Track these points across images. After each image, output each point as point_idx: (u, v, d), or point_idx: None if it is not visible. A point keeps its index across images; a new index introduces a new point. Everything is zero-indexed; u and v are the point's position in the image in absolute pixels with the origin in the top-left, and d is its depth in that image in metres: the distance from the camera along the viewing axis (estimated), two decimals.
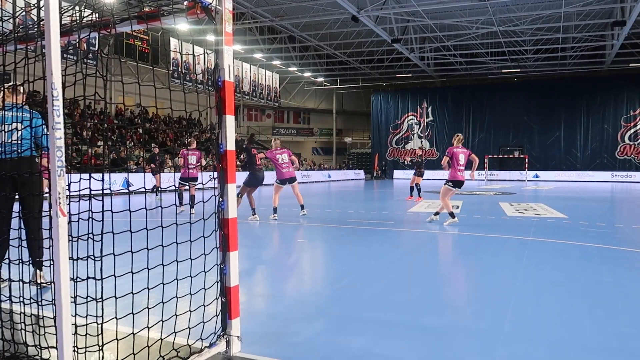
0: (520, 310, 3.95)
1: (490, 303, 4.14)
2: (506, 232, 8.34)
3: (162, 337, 2.73)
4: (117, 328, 2.57)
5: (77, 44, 2.85)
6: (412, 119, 39.48)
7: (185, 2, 2.81)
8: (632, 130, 33.30)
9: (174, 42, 25.11)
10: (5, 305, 3.23)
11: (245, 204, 10.31)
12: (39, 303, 3.01)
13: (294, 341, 3.24)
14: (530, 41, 28.50)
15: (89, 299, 2.59)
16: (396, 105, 39.94)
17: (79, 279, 2.55)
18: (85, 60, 2.74)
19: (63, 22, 2.68)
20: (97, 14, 2.94)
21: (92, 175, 2.55)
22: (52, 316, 2.37)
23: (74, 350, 2.40)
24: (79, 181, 2.63)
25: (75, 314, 2.52)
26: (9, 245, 3.46)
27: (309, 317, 3.77)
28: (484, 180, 33.94)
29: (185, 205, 11.46)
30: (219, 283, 2.98)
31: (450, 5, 21.96)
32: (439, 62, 34.05)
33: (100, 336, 2.47)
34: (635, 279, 5.07)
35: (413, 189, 15.19)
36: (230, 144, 2.96)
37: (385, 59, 33.40)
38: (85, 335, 2.54)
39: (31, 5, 2.89)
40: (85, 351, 2.54)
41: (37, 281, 4.17)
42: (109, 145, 18.03)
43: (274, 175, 10.47)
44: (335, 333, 3.40)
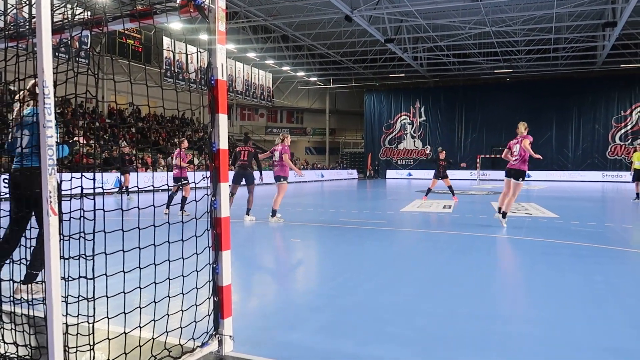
0: (513, 308, 3.97)
1: (484, 302, 4.16)
2: (498, 232, 8.39)
3: (154, 337, 2.72)
4: (109, 328, 2.56)
5: (69, 42, 2.83)
6: (405, 118, 39.58)
7: (178, 1, 2.80)
8: (623, 131, 33.59)
9: (166, 41, 25.01)
10: None
11: (237, 204, 10.24)
12: (30, 302, 2.99)
13: (287, 341, 3.23)
14: (522, 42, 28.67)
15: (80, 298, 2.58)
16: (389, 105, 40.03)
17: (70, 278, 2.54)
18: (77, 58, 2.72)
19: (55, 19, 2.66)
20: (89, 12, 2.92)
21: (84, 174, 2.54)
22: (42, 316, 2.36)
23: (64, 350, 2.38)
24: (70, 180, 2.62)
25: (67, 313, 2.50)
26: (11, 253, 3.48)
27: (302, 316, 3.77)
28: (476, 180, 34.10)
29: (173, 206, 11.25)
30: (211, 282, 2.97)
31: (443, 6, 22.04)
32: (432, 62, 34.16)
33: (91, 336, 2.46)
34: (625, 277, 5.12)
35: (451, 188, 14.88)
36: (223, 143, 2.96)
37: (378, 59, 33.47)
38: (77, 335, 2.53)
39: (23, 2, 2.86)
40: (77, 351, 2.52)
41: (17, 295, 3.60)
42: (100, 144, 17.92)
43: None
44: (328, 333, 3.41)
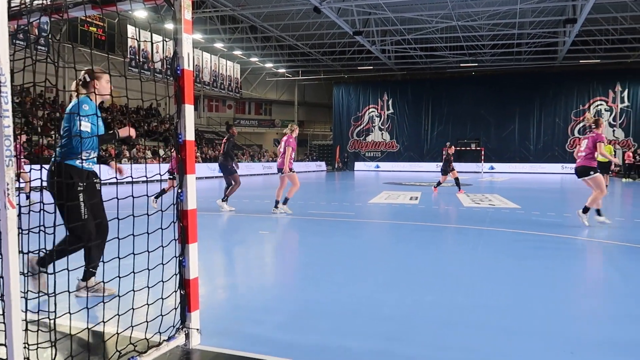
0: (476, 296, 4.08)
1: (448, 291, 4.26)
2: (463, 222, 8.58)
3: (119, 332, 2.67)
4: (71, 323, 2.50)
5: (28, 29, 2.72)
6: (373, 111, 39.86)
7: None
8: (582, 124, 34.80)
9: (131, 30, 24.34)
10: None
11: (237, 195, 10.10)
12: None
13: (255, 332, 3.23)
14: (487, 36, 29.23)
15: (41, 294, 2.51)
16: (357, 97, 40.22)
17: (29, 274, 2.46)
18: (36, 45, 2.62)
19: (12, 5, 2.55)
20: None
21: (44, 166, 2.46)
22: (0, 312, 2.28)
23: (24, 347, 2.32)
24: (30, 172, 2.53)
25: (26, 309, 2.43)
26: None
27: (270, 308, 3.78)
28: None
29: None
30: (178, 275, 2.94)
31: None
32: (400, 56, 34.45)
33: (52, 332, 2.40)
34: (581, 264, 5.33)
35: (458, 180, 15.03)
36: (190, 134, 2.91)
37: (347, 51, 33.51)
38: (37, 331, 2.46)
39: None
40: (37, 348, 2.45)
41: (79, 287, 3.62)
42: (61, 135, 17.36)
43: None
44: (295, 324, 3.42)
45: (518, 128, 35.93)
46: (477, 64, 34.79)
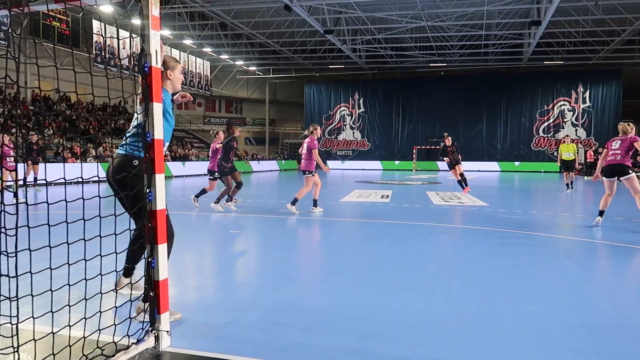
0: (446, 292, 4.14)
1: (419, 287, 4.31)
2: (433, 220, 8.70)
3: (85, 336, 2.60)
4: (35, 328, 2.41)
5: None
6: (344, 110, 40.05)
7: None
8: (546, 124, 35.83)
9: (96, 25, 23.71)
10: None
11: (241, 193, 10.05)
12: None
13: (226, 333, 3.20)
14: (455, 37, 29.74)
15: (2, 298, 2.41)
16: (329, 96, 40.33)
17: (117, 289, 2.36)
18: None
19: None
20: None
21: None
22: None
23: None
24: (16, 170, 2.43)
25: None
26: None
27: (242, 308, 3.74)
28: (412, 170, 35.29)
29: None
30: (147, 277, 2.87)
31: None
32: (371, 55, 34.71)
33: (15, 337, 2.31)
34: (548, 260, 5.48)
35: (462, 181, 13.96)
36: (158, 133, 2.86)
37: (318, 50, 33.54)
38: None
39: None
40: None
41: (116, 288, 3.13)
42: (23, 133, 16.79)
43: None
44: (267, 323, 3.40)
45: (486, 127, 36.74)
46: (446, 64, 35.36)
